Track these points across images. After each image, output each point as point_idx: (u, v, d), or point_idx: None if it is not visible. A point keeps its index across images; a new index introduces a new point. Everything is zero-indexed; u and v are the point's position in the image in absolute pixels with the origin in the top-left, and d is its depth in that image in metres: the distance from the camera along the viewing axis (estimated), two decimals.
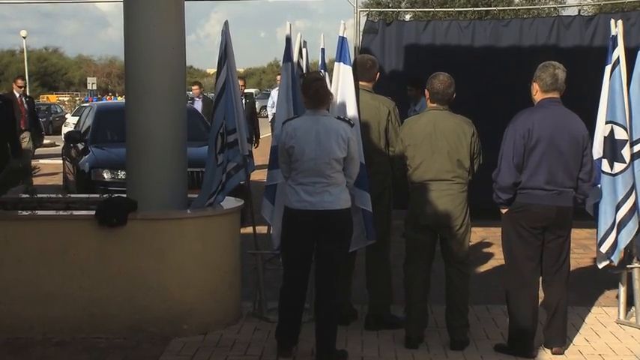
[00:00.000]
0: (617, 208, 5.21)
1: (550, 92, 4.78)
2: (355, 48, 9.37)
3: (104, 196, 5.78)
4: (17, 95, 11.42)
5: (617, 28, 5.35)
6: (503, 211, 4.87)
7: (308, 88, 4.60)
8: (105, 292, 5.12)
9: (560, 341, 4.91)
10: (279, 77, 7.66)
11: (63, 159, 11.24)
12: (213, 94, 6.39)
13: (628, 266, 5.44)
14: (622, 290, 5.54)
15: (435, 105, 5.01)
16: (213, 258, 5.29)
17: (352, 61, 5.46)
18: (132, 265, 5.11)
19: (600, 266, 5.35)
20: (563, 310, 4.90)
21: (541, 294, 4.92)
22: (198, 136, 8.40)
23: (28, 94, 12.80)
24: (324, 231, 4.54)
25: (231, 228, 5.46)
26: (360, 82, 5.41)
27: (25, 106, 11.45)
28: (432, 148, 4.91)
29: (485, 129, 5.62)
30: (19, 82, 11.80)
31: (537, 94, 4.85)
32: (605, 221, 5.23)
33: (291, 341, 4.75)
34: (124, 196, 5.46)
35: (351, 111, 5.23)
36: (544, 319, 4.95)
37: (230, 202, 5.58)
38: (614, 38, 5.33)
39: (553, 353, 4.88)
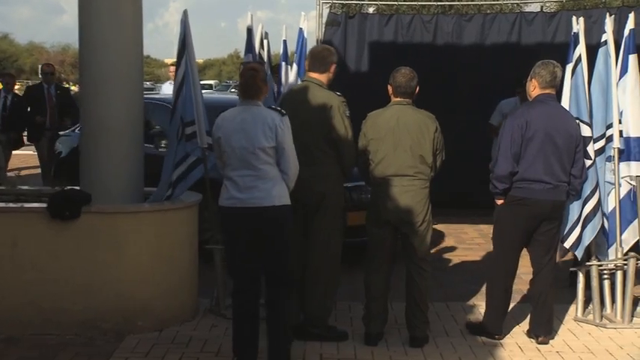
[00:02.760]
0: (584, 203, 5.27)
1: (547, 89, 4.95)
2: (317, 41, 9.34)
3: (56, 188, 5.69)
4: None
5: (578, 25, 5.40)
6: (499, 202, 4.98)
7: (240, 78, 4.45)
8: (56, 287, 5.03)
9: (547, 331, 5.08)
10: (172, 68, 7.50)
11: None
12: (172, 84, 6.39)
13: (587, 263, 5.51)
14: (580, 287, 5.60)
15: (398, 99, 5.00)
16: (170, 253, 5.24)
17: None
18: (85, 259, 5.03)
19: (558, 260, 5.37)
20: (551, 299, 5.07)
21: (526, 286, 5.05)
22: None
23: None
24: (257, 231, 4.26)
25: (189, 222, 5.40)
26: (311, 74, 5.05)
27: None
28: (395, 142, 4.90)
29: (448, 124, 5.69)
30: None
31: (535, 90, 4.99)
32: (571, 217, 5.28)
33: (249, 356, 4.40)
34: (78, 188, 5.36)
35: None
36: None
37: (188, 196, 5.52)
38: (576, 36, 5.39)
39: (539, 342, 5.04)
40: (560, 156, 4.87)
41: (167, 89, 11.54)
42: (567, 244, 5.32)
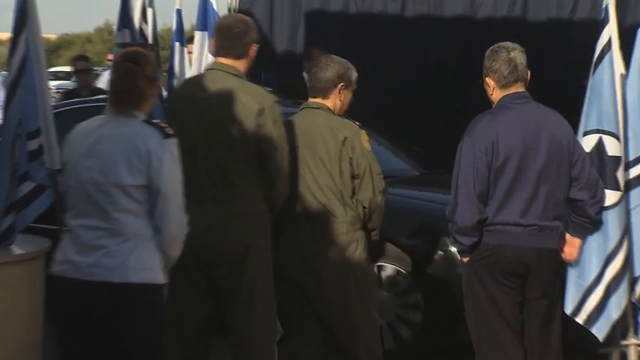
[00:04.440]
0: (608, 260, 5.16)
1: (511, 86, 4.86)
2: (229, 10, 9.31)
3: None
4: None
5: None
6: (465, 259, 4.95)
7: (112, 72, 4.18)
8: None
9: None
10: (111, 56, 7.54)
11: None
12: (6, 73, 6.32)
13: (623, 342, 5.38)
14: None
15: (310, 100, 5.11)
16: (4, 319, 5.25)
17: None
18: None
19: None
20: None
21: None
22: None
23: None
24: (100, 322, 3.89)
25: (30, 279, 5.37)
26: (221, 60, 4.96)
27: None
28: (307, 165, 4.99)
29: (424, 129, 5.51)
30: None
31: (495, 92, 4.91)
32: (586, 271, 5.14)
33: None
34: None
35: None
36: None
37: (30, 243, 5.52)
38: (607, 11, 5.27)
39: None
40: (547, 182, 4.79)
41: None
42: (581, 318, 5.16)
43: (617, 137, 5.15)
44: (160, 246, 3.96)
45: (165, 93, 6.53)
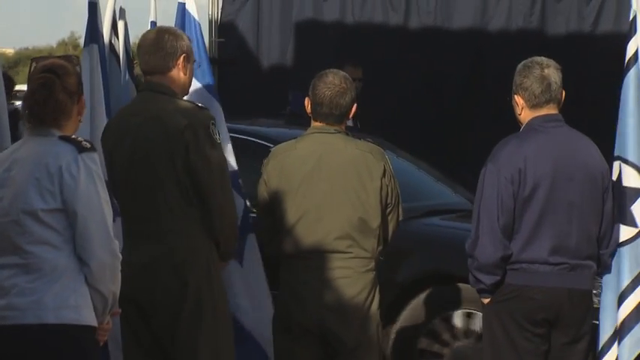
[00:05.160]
0: (620, 299, 5.17)
1: (543, 107, 4.90)
2: (211, 22, 9.44)
3: None
4: None
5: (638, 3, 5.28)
6: (486, 300, 4.94)
7: (27, 85, 4.03)
8: None
9: None
10: None
11: None
12: None
13: None
14: None
15: (320, 124, 5.01)
16: None
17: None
18: None
19: None
20: None
21: None
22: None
23: None
24: None
25: None
26: (149, 78, 4.95)
27: None
28: (317, 197, 4.92)
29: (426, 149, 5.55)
30: None
31: (524, 113, 4.95)
32: (610, 319, 5.22)
33: None
34: None
35: None
36: None
37: None
38: (633, 22, 5.30)
39: None
40: (579, 217, 4.82)
41: None
42: None
43: (637, 168, 5.19)
44: (89, 279, 3.80)
45: None
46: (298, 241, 4.94)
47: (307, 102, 5.08)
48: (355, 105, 5.08)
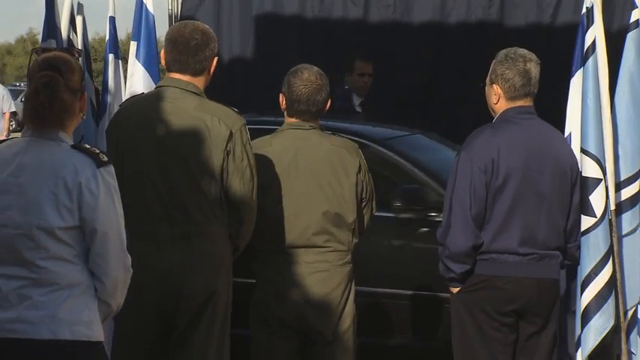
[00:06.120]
0: (582, 288, 5.19)
1: (520, 99, 4.96)
2: (171, 17, 9.31)
3: None
4: None
5: None
6: (455, 290, 4.97)
7: (28, 84, 3.87)
8: None
9: None
10: None
11: None
12: None
13: None
14: None
15: (295, 120, 5.05)
16: None
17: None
18: None
19: None
20: None
21: None
22: None
23: None
24: None
25: None
26: (175, 75, 4.84)
27: None
28: (293, 193, 4.95)
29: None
30: None
31: (500, 102, 4.98)
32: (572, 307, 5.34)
33: None
34: None
35: None
36: None
37: None
38: (590, 13, 5.36)
39: None
40: (549, 208, 4.87)
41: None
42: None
43: (596, 159, 5.21)
44: (100, 294, 3.72)
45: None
46: (276, 236, 4.96)
47: (282, 98, 5.07)
48: (330, 100, 5.10)
